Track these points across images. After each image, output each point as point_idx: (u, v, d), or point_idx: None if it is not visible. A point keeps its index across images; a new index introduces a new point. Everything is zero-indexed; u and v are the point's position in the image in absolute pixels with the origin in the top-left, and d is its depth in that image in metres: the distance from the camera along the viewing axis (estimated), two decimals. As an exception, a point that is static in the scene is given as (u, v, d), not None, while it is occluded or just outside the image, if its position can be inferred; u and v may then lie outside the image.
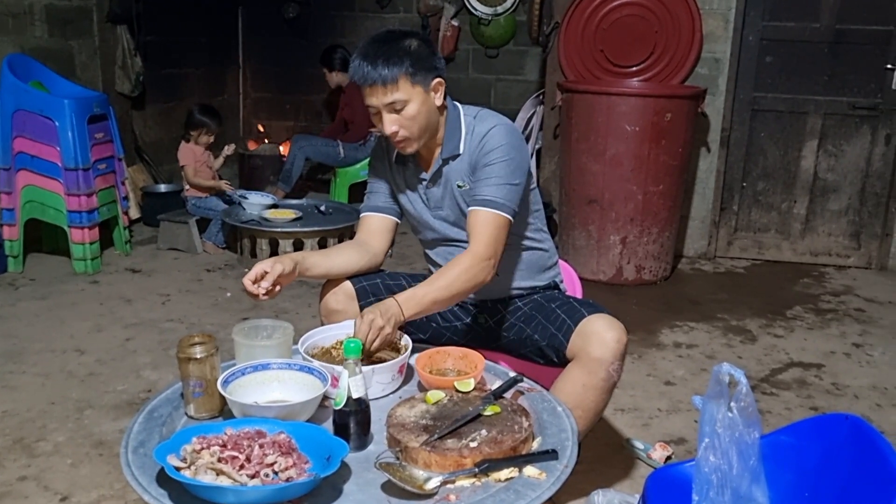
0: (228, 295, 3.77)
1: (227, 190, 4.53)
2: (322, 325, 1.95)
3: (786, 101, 4.34)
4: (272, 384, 1.59)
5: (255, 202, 4.32)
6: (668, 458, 2.32)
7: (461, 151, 1.89)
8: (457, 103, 1.94)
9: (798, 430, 1.58)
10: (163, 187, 5.16)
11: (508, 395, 1.62)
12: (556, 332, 1.87)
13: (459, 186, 1.91)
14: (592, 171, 3.97)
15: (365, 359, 1.71)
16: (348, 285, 1.99)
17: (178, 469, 1.25)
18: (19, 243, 3.98)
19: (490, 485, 1.33)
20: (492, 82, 6.04)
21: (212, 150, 4.65)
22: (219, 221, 4.43)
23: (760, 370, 3.06)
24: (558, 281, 2.13)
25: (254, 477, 1.27)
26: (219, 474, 1.26)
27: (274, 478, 1.27)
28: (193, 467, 1.27)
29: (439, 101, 1.85)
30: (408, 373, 1.73)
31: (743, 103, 4.37)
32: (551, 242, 2.12)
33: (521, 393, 1.66)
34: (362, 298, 1.97)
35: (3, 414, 2.54)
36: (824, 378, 3.01)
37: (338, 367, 1.50)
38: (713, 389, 1.47)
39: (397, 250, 4.46)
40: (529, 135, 4.93)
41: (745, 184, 4.50)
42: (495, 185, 1.82)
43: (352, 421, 1.42)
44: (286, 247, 4.07)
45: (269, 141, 6.36)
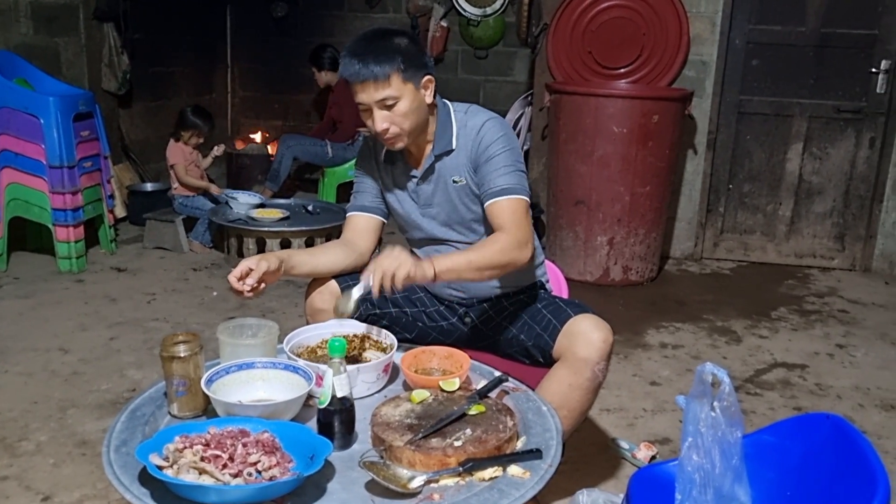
0: (215, 294, 3.76)
1: (215, 193, 4.51)
2: (307, 324, 1.95)
3: (772, 103, 4.37)
4: (256, 383, 1.58)
5: (242, 201, 4.29)
6: (653, 457, 2.33)
7: (454, 147, 1.90)
8: (446, 101, 1.95)
9: (780, 430, 1.59)
10: (149, 186, 5.14)
11: (493, 394, 1.62)
12: (542, 333, 1.88)
13: (455, 182, 1.91)
14: (580, 172, 3.98)
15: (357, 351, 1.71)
16: (334, 284, 1.98)
17: (160, 468, 1.25)
18: (3, 241, 3.95)
19: (474, 484, 1.33)
20: (480, 83, 6.04)
21: (200, 149, 4.63)
22: (206, 220, 4.41)
23: (745, 370, 3.07)
24: (544, 281, 2.14)
25: (237, 476, 1.26)
26: (201, 473, 1.26)
27: (257, 477, 1.26)
28: (176, 466, 1.26)
29: (429, 99, 1.86)
30: (393, 372, 1.73)
31: (729, 106, 4.40)
32: (538, 242, 2.12)
33: (506, 392, 1.66)
34: (348, 298, 1.97)
35: (-15, 413, 2.52)
36: (808, 378, 3.03)
37: (322, 365, 1.50)
38: (696, 389, 1.47)
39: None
40: (518, 136, 4.94)
41: (731, 186, 4.53)
42: (506, 174, 1.85)
43: (336, 420, 1.42)
44: (273, 246, 4.05)
45: (260, 140, 6.33)
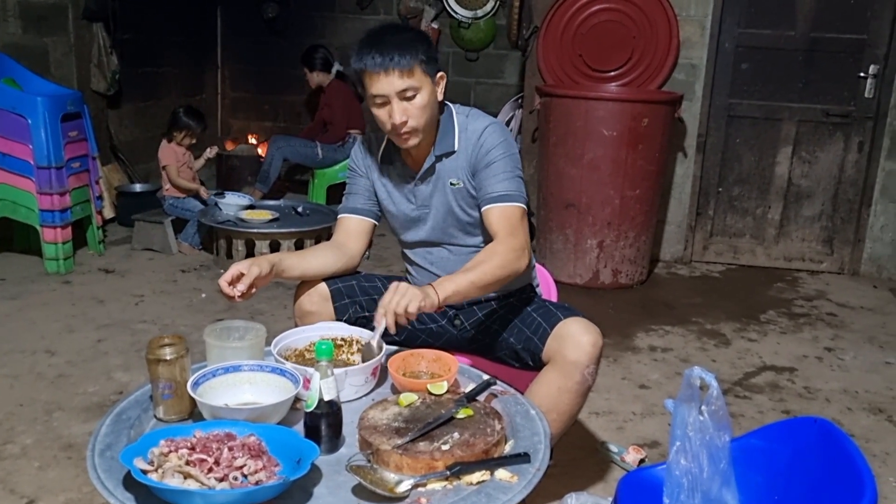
0: (203, 296, 3.74)
1: (205, 196, 4.49)
2: (296, 326, 1.94)
3: (761, 107, 4.39)
4: (243, 386, 1.57)
5: (231, 203, 4.28)
6: (642, 461, 2.33)
7: (455, 149, 1.90)
8: (448, 102, 1.94)
9: (768, 434, 1.59)
10: (138, 187, 5.11)
11: (482, 397, 1.61)
12: (531, 336, 1.88)
13: (453, 184, 1.91)
14: (570, 175, 3.98)
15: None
16: (323, 287, 1.97)
17: (145, 472, 1.23)
18: (-10, 242, 3.93)
19: (462, 488, 1.33)
20: (471, 85, 6.04)
21: (192, 150, 4.60)
22: (196, 222, 4.39)
23: (734, 374, 3.08)
24: (534, 284, 2.13)
25: (222, 480, 1.25)
26: (186, 477, 1.25)
27: (243, 481, 1.25)
28: (161, 470, 1.25)
29: (440, 96, 1.86)
30: (381, 375, 1.72)
31: (719, 109, 4.42)
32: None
33: (495, 396, 1.65)
34: (337, 300, 1.96)
35: (-31, 416, 2.50)
36: (797, 382, 3.04)
37: (310, 369, 1.49)
38: (685, 393, 1.48)
39: (375, 252, 4.45)
40: (508, 138, 4.94)
41: (720, 189, 4.55)
42: (505, 180, 1.85)
43: (323, 423, 1.41)
44: (262, 248, 4.03)
45: (251, 142, 6.31)
